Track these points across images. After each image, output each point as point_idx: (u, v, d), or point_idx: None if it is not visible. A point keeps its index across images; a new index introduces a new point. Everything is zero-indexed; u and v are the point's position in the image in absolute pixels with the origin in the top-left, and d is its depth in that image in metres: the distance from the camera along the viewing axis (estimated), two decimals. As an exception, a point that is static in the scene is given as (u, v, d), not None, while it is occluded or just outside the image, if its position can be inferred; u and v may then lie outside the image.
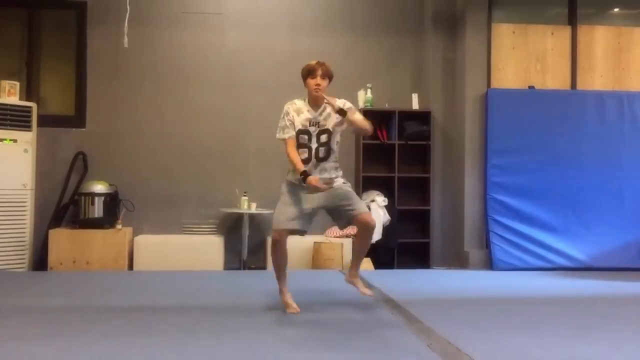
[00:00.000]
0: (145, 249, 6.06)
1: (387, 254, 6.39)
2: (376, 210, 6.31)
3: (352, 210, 3.79)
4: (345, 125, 3.93)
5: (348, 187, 3.91)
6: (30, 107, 5.98)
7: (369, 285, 4.11)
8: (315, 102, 3.87)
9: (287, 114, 3.85)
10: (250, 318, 3.73)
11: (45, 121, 6.21)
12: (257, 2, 6.78)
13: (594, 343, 3.29)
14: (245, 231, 6.19)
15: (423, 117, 6.60)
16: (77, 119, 6.49)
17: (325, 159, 3.85)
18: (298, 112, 3.85)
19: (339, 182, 3.91)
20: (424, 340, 3.22)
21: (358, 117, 3.92)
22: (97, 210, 6.03)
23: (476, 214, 6.34)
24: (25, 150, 5.90)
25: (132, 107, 6.55)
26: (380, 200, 6.35)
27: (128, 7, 5.64)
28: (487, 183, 6.25)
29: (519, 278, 5.63)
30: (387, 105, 6.62)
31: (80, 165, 6.40)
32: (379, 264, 6.19)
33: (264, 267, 6.20)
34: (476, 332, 3.46)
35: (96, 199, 6.04)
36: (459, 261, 6.39)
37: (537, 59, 6.55)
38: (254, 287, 4.92)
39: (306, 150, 3.82)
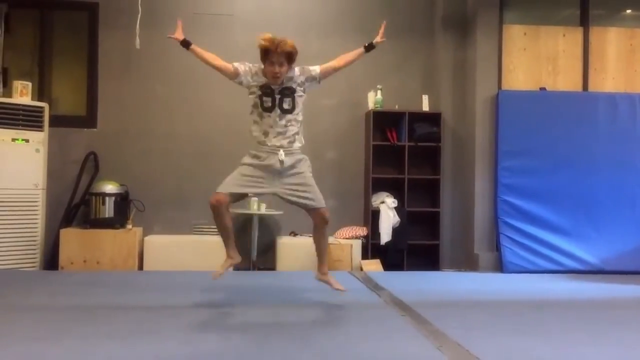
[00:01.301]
0: (155, 249, 6.08)
1: (397, 255, 6.38)
2: (386, 211, 6.30)
3: (311, 203, 3.82)
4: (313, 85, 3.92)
5: (308, 174, 3.87)
6: (42, 107, 6.02)
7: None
8: (274, 80, 3.81)
9: (247, 68, 3.85)
10: (258, 318, 3.74)
11: (57, 121, 6.25)
12: (268, 3, 6.79)
13: (605, 347, 3.26)
14: (255, 232, 6.20)
15: (433, 118, 6.58)
16: (88, 120, 6.53)
17: (290, 111, 3.79)
18: (255, 75, 3.81)
19: (301, 166, 3.85)
20: (434, 343, 3.20)
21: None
22: (108, 210, 6.06)
23: (486, 216, 6.31)
24: (37, 150, 5.94)
25: (143, 107, 6.58)
26: (390, 201, 6.35)
27: (140, 8, 5.66)
28: (497, 185, 6.22)
29: (529, 281, 5.60)
30: (397, 106, 6.60)
31: (91, 165, 6.43)
32: (388, 266, 6.18)
33: (273, 268, 6.21)
34: (487, 334, 3.44)
35: (107, 199, 6.07)
36: (469, 263, 6.36)
37: (549, 60, 6.52)
38: (263, 288, 4.92)
39: (269, 99, 3.76)
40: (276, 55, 3.69)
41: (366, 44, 4.09)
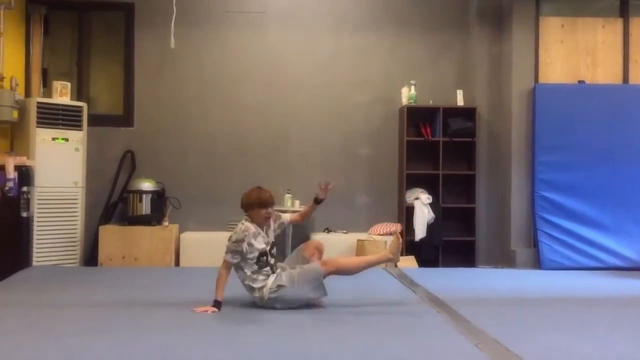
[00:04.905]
0: (191, 246, 6.16)
1: (432, 252, 6.33)
2: (420, 207, 6.26)
3: None
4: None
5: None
6: (81, 107, 6.15)
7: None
8: (261, 224, 4.03)
9: (243, 241, 3.90)
10: (294, 315, 3.75)
11: (95, 120, 6.38)
12: (300, 0, 6.79)
13: (649, 345, 3.18)
14: (289, 229, 6.21)
15: (468, 113, 6.50)
16: (125, 119, 6.64)
17: (275, 265, 4.03)
18: (255, 237, 3.95)
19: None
20: (472, 340, 3.17)
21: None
22: (145, 207, 6.16)
23: (523, 212, 6.21)
24: (77, 149, 6.07)
25: (178, 106, 6.67)
26: (425, 197, 6.30)
27: (174, 8, 5.73)
28: (534, 180, 6.11)
29: (568, 277, 5.50)
30: (431, 101, 6.55)
31: (129, 163, 6.55)
32: (423, 262, 6.15)
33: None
34: (525, 332, 3.39)
35: (144, 196, 6.17)
36: (506, 260, 6.28)
37: (587, 52, 6.37)
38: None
39: (268, 267, 3.95)
40: (270, 202, 4.02)
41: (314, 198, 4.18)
